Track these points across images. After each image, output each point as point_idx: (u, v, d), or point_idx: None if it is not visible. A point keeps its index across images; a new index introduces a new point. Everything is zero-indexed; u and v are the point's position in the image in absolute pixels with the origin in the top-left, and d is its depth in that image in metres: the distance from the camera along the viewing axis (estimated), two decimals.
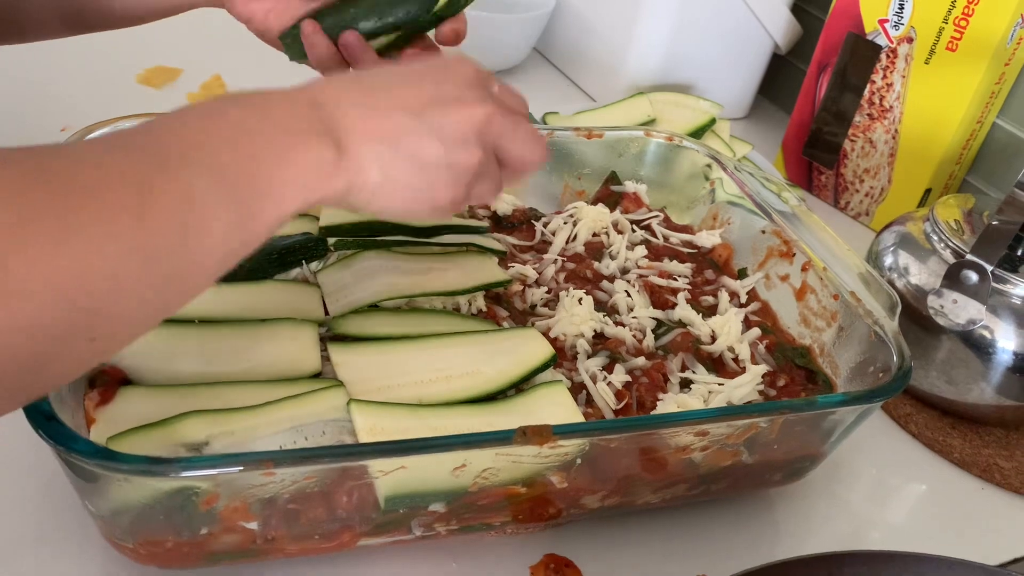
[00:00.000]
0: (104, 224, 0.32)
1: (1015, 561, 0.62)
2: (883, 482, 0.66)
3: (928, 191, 0.90)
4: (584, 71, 1.10)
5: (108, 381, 0.48)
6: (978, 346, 0.66)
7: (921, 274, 0.68)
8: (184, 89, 0.93)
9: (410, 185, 0.43)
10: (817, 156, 0.97)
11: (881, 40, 0.88)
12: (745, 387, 0.56)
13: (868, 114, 0.91)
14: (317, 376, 0.52)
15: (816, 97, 0.96)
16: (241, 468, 0.39)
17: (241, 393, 0.49)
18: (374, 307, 0.57)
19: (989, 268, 0.63)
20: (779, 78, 1.13)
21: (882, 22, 0.88)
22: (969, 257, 0.64)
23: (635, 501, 0.53)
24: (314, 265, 0.60)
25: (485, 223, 0.68)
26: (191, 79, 0.94)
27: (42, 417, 0.38)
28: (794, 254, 0.65)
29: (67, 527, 0.49)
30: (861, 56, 0.90)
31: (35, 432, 0.38)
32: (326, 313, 0.57)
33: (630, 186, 0.74)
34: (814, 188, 0.99)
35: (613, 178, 0.75)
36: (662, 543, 0.56)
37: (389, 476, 0.44)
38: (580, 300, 0.60)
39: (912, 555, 0.43)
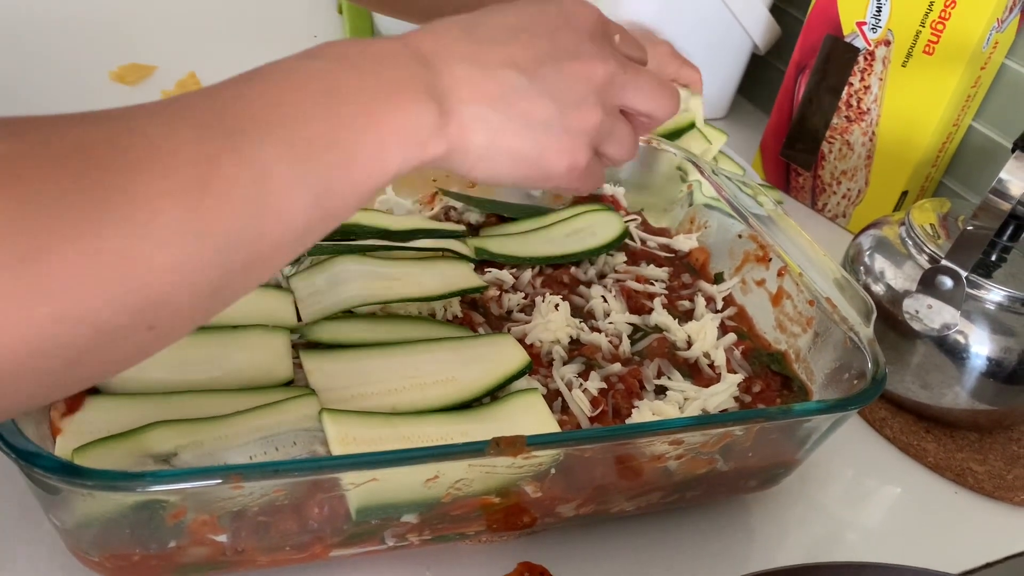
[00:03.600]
0: (162, 210, 0.29)
1: (987, 566, 0.62)
2: (858, 486, 0.66)
3: (904, 193, 0.90)
4: None
5: None
6: (953, 351, 0.66)
7: (896, 279, 0.68)
8: (159, 86, 0.92)
9: (519, 150, 0.41)
10: (795, 157, 0.97)
11: (859, 42, 0.88)
12: (720, 395, 0.56)
13: (846, 116, 0.91)
14: (290, 384, 0.52)
15: (794, 99, 0.96)
16: (208, 482, 0.39)
17: (211, 402, 0.48)
18: (348, 313, 0.57)
19: (964, 274, 0.63)
20: (758, 78, 1.13)
21: (860, 24, 0.88)
22: (944, 263, 0.64)
23: (610, 509, 0.53)
24: (287, 270, 0.60)
25: (460, 227, 0.67)
26: (165, 76, 0.93)
27: (3, 428, 0.38)
28: (770, 259, 0.65)
29: (34, 540, 0.48)
30: (839, 58, 0.90)
31: None
32: (299, 319, 0.56)
33: (608, 189, 0.74)
34: (791, 190, 0.99)
35: None
36: (636, 550, 0.56)
37: (360, 488, 0.43)
38: (556, 306, 0.60)
39: (874, 565, 0.43)
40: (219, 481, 0.39)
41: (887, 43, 0.86)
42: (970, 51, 0.82)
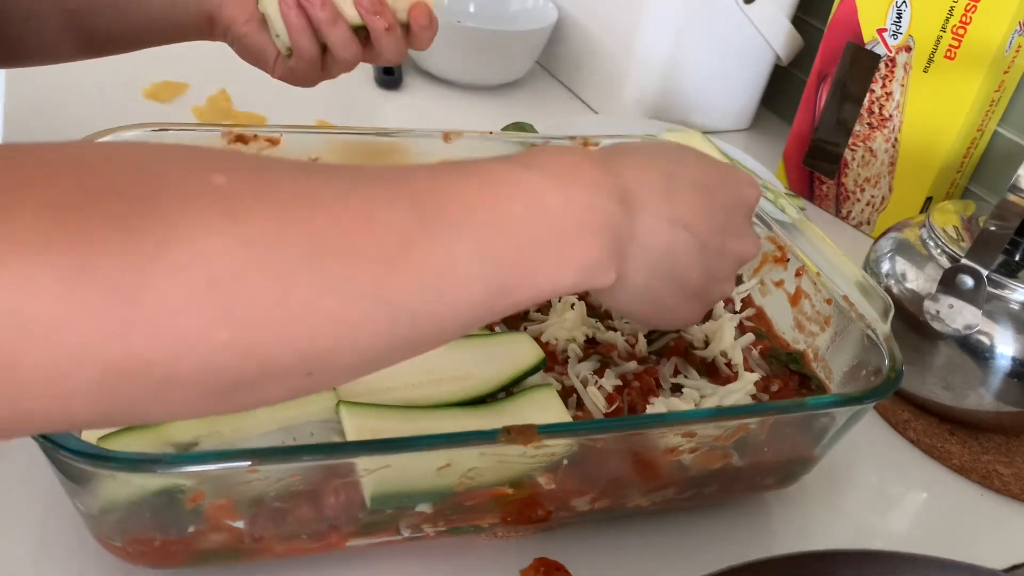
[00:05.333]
0: (355, 270, 0.31)
1: (1017, 567, 0.61)
2: (881, 488, 0.65)
3: (929, 199, 0.90)
4: (586, 84, 1.11)
5: None
6: (976, 352, 0.65)
7: (918, 280, 0.68)
8: (191, 103, 0.95)
9: (662, 303, 0.45)
10: (818, 166, 0.97)
11: (880, 49, 0.88)
12: (737, 393, 0.56)
13: (868, 123, 0.91)
14: None
15: (816, 107, 0.96)
16: (225, 465, 0.40)
17: None
18: None
19: (984, 272, 0.63)
20: (782, 89, 1.13)
21: (880, 31, 0.88)
22: (964, 262, 0.64)
23: (625, 504, 0.53)
24: None
25: None
26: (197, 93, 0.96)
27: None
28: (788, 260, 0.65)
29: (64, 530, 0.49)
30: (860, 66, 0.90)
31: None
32: None
33: None
34: (815, 198, 0.99)
35: None
36: (654, 548, 0.56)
37: (374, 475, 0.44)
38: (572, 305, 0.60)
39: (912, 556, 0.43)
40: (236, 464, 0.40)
41: (908, 49, 0.86)
42: (991, 55, 0.81)
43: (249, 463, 0.40)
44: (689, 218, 0.43)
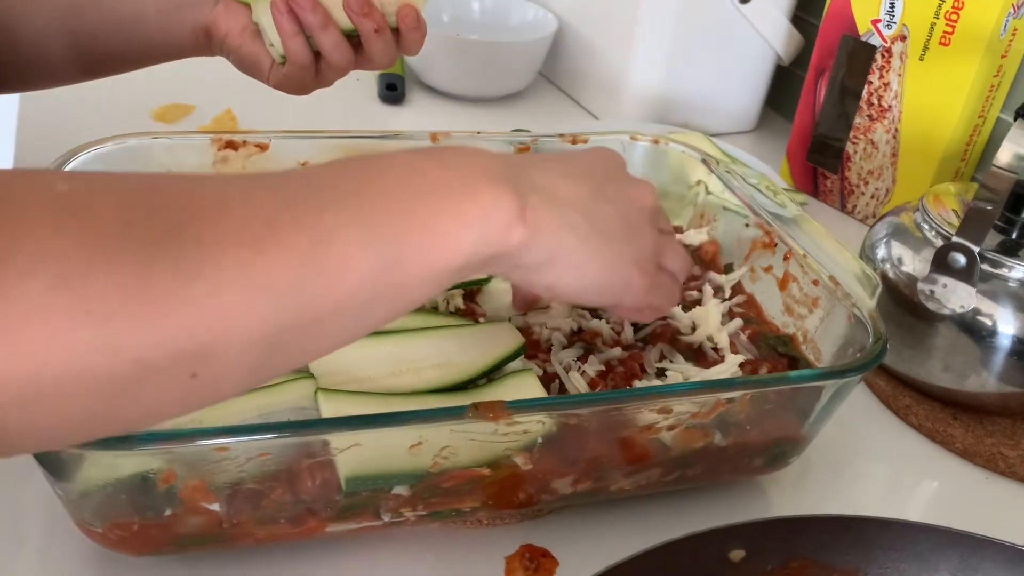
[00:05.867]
0: (215, 257, 0.30)
1: None
2: (884, 475, 0.64)
3: None
4: (587, 92, 1.12)
5: None
6: (976, 332, 0.64)
7: (913, 263, 0.67)
8: (197, 123, 0.97)
9: (589, 267, 0.43)
10: (821, 161, 0.96)
11: (875, 40, 0.88)
12: (722, 374, 0.55)
13: (868, 115, 0.91)
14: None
15: (816, 102, 0.95)
16: (192, 442, 0.40)
17: None
18: None
19: (976, 249, 0.62)
20: (786, 89, 1.13)
21: (875, 22, 0.88)
22: (955, 239, 0.63)
23: (608, 487, 0.53)
24: None
25: None
26: (203, 114, 0.98)
27: None
28: (776, 244, 0.64)
29: (45, 523, 0.50)
30: (856, 58, 0.90)
31: None
32: None
33: None
34: (820, 194, 0.98)
35: None
36: (641, 533, 0.55)
37: (347, 454, 0.44)
38: None
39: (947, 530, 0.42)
40: (204, 443, 0.40)
41: (903, 38, 0.86)
42: (986, 39, 0.81)
43: (216, 441, 0.40)
44: (578, 174, 0.44)
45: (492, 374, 0.54)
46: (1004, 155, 0.61)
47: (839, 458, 0.64)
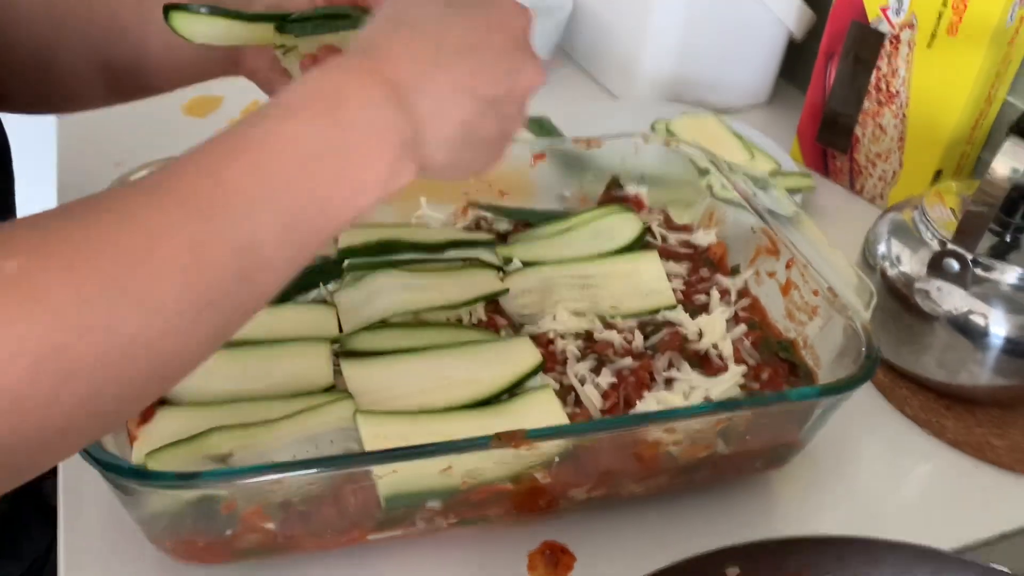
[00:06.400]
0: (158, 291, 0.34)
1: (1003, 537, 0.64)
2: (880, 463, 0.69)
3: (939, 172, 0.92)
4: (605, 69, 1.14)
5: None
6: (970, 332, 0.68)
7: (911, 262, 0.71)
8: (227, 116, 1.01)
9: (466, 161, 0.46)
10: (831, 142, 0.99)
11: (884, 27, 0.90)
12: (724, 384, 0.60)
13: (876, 100, 0.93)
14: (331, 389, 0.59)
15: (826, 86, 0.98)
16: (248, 480, 0.46)
17: (262, 408, 0.55)
18: (383, 323, 0.63)
19: (969, 257, 0.65)
20: (801, 59, 1.13)
21: (884, 10, 0.89)
22: (950, 246, 0.66)
23: (621, 492, 0.58)
24: (331, 286, 0.67)
25: (490, 236, 0.73)
26: (232, 105, 1.02)
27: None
28: (779, 251, 0.68)
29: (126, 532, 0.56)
30: (866, 44, 0.92)
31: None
32: (341, 330, 0.63)
33: (631, 189, 0.78)
34: (831, 173, 1.01)
35: (615, 183, 0.79)
36: (654, 529, 0.61)
37: (385, 479, 0.50)
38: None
39: (861, 540, 0.47)
40: (257, 479, 0.46)
41: (911, 26, 0.88)
42: (992, 29, 0.82)
43: (271, 477, 0.46)
44: (467, 81, 0.44)
45: (514, 389, 0.59)
46: (1000, 168, 0.63)
47: (840, 447, 0.68)
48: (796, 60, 1.14)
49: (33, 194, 1.00)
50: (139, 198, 0.36)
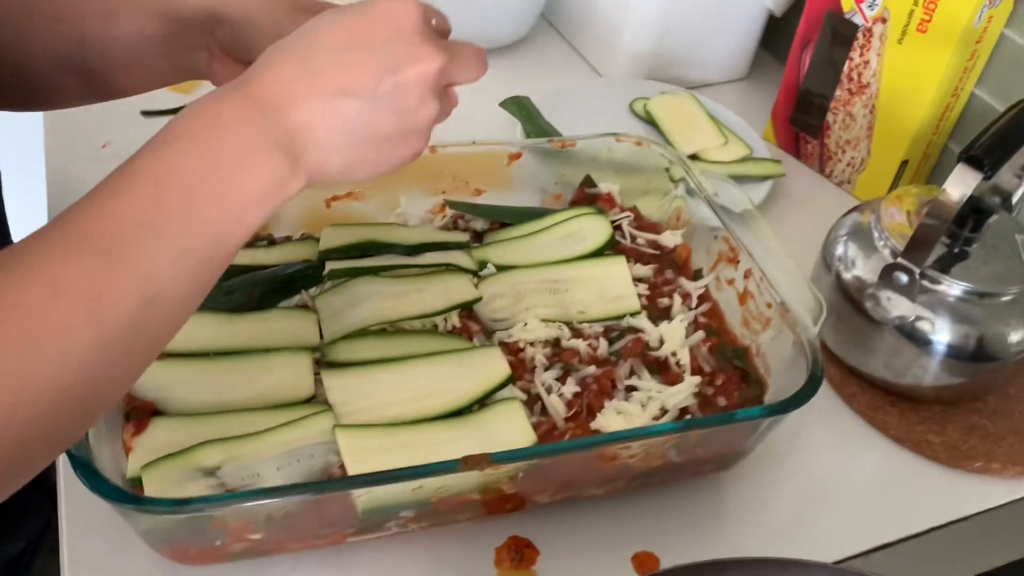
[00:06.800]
0: (68, 337, 0.37)
1: (931, 530, 0.70)
2: (827, 456, 0.74)
3: (905, 162, 0.94)
4: (587, 42, 1.15)
5: (141, 414, 0.59)
6: (916, 338, 0.72)
7: (864, 269, 0.74)
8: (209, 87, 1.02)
9: (372, 159, 0.46)
10: (803, 126, 1.01)
11: (858, 19, 0.91)
12: (680, 394, 0.64)
13: (848, 89, 0.95)
14: (312, 398, 0.63)
15: (800, 71, 0.99)
16: (235, 505, 0.50)
17: (248, 419, 0.60)
18: (362, 331, 0.67)
19: (916, 271, 0.69)
20: (782, 35, 1.14)
21: (858, 2, 0.91)
22: (900, 260, 0.70)
23: (582, 494, 0.63)
24: (313, 291, 0.70)
25: (466, 236, 0.76)
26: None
27: (86, 472, 0.49)
28: (739, 260, 0.72)
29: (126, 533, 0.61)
30: (840, 34, 0.93)
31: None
32: (322, 335, 0.67)
33: (604, 187, 0.81)
34: (802, 156, 1.03)
35: (588, 181, 0.82)
36: (613, 525, 0.66)
37: (363, 498, 0.54)
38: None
39: (743, 561, 0.52)
40: (243, 504, 0.50)
41: (884, 20, 0.89)
42: (960, 30, 0.84)
43: (252, 503, 0.50)
44: (342, 83, 0.44)
45: (484, 400, 0.63)
46: (951, 190, 0.66)
47: (791, 439, 0.73)
48: (778, 33, 1.15)
49: (21, 177, 1.02)
50: (40, 247, 0.38)
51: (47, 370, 0.37)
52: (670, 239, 0.78)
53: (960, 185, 0.66)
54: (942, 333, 0.71)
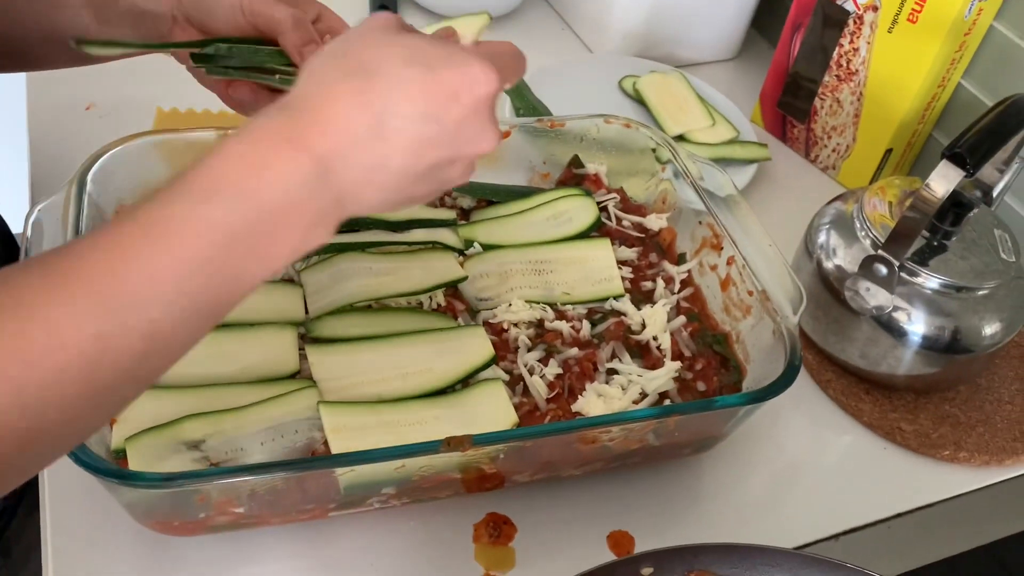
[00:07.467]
0: (61, 383, 0.35)
1: (898, 516, 0.72)
2: (799, 442, 0.75)
3: (889, 151, 0.95)
4: (579, 18, 1.14)
5: None
6: (892, 328, 0.73)
7: (845, 258, 0.76)
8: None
9: (396, 206, 0.45)
10: (791, 110, 1.02)
11: (849, 6, 0.91)
12: (660, 379, 0.65)
13: (836, 75, 0.96)
14: (297, 374, 0.63)
15: (791, 55, 1.00)
16: (219, 480, 0.51)
17: (233, 393, 0.60)
18: (349, 306, 0.67)
19: (896, 264, 0.70)
20: (773, 15, 1.14)
21: None
22: (880, 252, 0.71)
23: (561, 474, 0.64)
24: (299, 265, 0.70)
25: (452, 213, 0.77)
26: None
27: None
28: (722, 247, 0.72)
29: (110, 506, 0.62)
30: (831, 20, 0.94)
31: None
32: (307, 310, 0.67)
33: (591, 168, 0.82)
34: (788, 140, 1.04)
35: (576, 161, 0.82)
36: (591, 504, 0.67)
37: (345, 475, 0.55)
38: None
39: (712, 546, 0.53)
40: (227, 480, 0.51)
41: (875, 9, 0.89)
42: (950, 21, 0.85)
43: (239, 479, 0.51)
44: (408, 156, 0.42)
45: (467, 379, 0.64)
46: (935, 185, 0.67)
47: (767, 423, 0.75)
48: (770, 14, 1.15)
49: (3, 138, 1.00)
50: (41, 284, 0.36)
51: (35, 411, 0.35)
52: (655, 222, 0.79)
53: (943, 181, 0.67)
54: (918, 324, 0.72)
